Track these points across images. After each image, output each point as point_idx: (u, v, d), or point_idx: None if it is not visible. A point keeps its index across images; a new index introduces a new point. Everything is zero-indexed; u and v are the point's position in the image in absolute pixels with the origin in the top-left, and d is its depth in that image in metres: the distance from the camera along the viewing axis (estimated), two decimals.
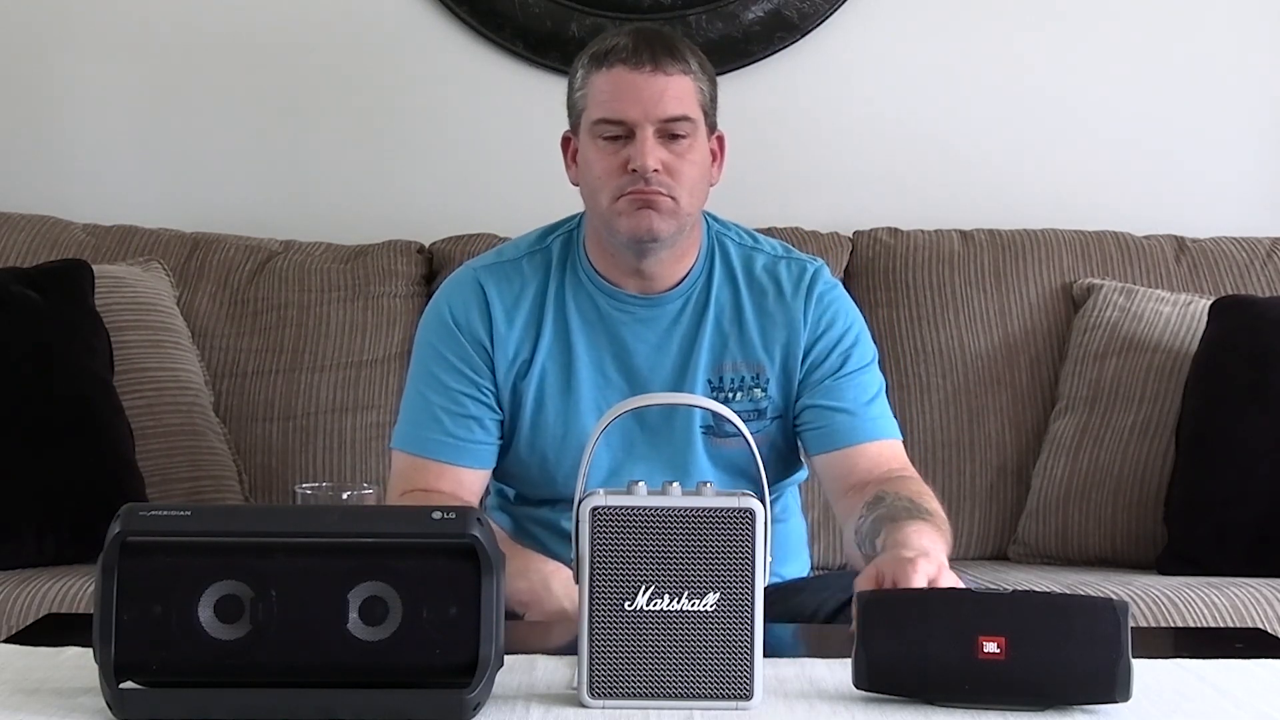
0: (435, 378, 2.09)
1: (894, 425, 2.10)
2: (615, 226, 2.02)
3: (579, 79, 2.06)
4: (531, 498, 2.16)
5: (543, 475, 2.11)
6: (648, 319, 2.10)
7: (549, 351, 2.09)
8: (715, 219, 2.17)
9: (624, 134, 2.01)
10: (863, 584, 1.67)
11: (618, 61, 2.01)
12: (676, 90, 2.02)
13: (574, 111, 2.08)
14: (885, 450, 2.06)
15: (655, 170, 1.99)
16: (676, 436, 2.08)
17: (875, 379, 2.12)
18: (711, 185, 2.10)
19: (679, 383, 2.08)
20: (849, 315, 2.14)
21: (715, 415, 2.01)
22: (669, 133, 2.01)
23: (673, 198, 2.01)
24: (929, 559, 1.67)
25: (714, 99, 2.09)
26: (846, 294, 2.17)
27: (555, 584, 1.91)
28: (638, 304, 2.10)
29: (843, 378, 2.08)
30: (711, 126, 2.09)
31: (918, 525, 1.82)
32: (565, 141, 2.12)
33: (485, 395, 2.08)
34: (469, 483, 2.08)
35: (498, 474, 2.16)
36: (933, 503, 1.93)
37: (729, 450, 2.07)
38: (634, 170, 2.00)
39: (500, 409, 2.10)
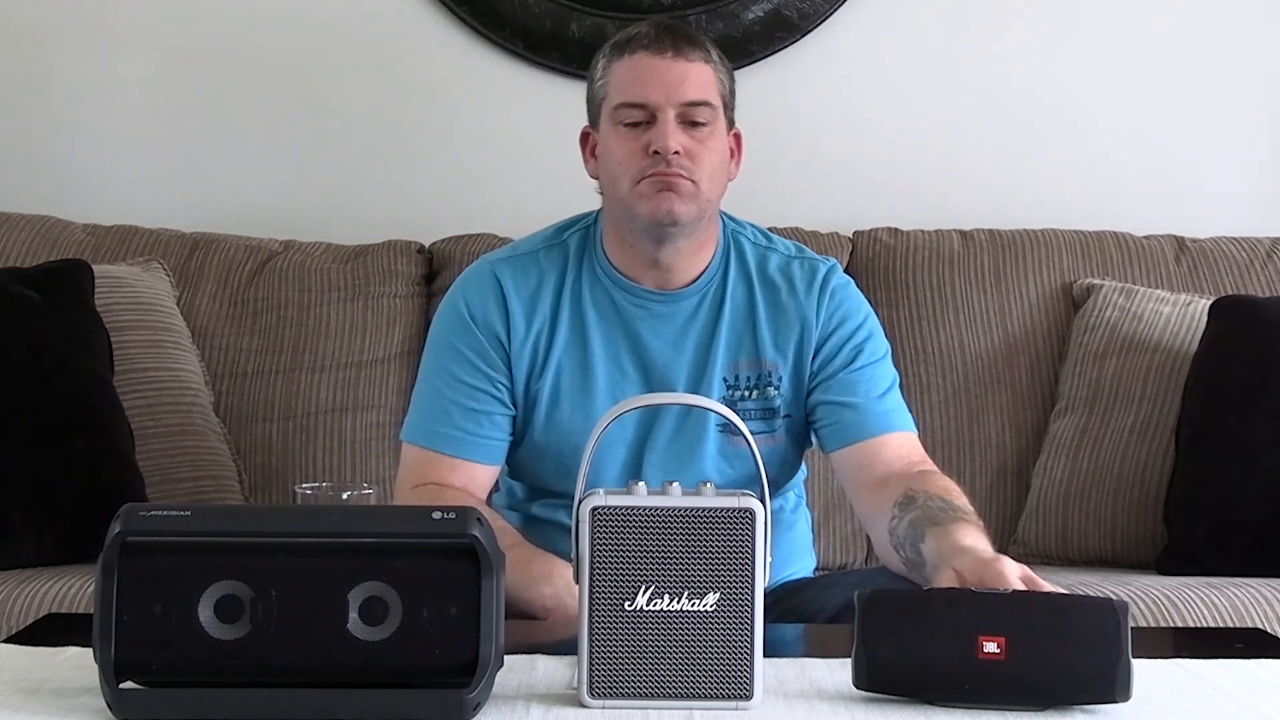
0: (449, 372, 2.08)
1: (909, 418, 2.10)
2: (635, 210, 2.02)
3: (600, 69, 2.07)
4: (545, 493, 2.15)
5: (557, 471, 2.10)
6: (664, 315, 2.10)
7: (565, 347, 2.08)
8: (731, 218, 2.17)
9: (645, 119, 2.01)
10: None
11: (639, 48, 2.02)
12: (697, 77, 2.02)
13: (594, 102, 2.09)
14: (904, 443, 2.06)
15: (676, 152, 1.99)
16: (689, 434, 2.08)
17: (888, 373, 2.12)
18: (730, 180, 2.10)
19: (696, 380, 2.08)
20: (861, 311, 2.15)
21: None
22: (689, 118, 2.01)
23: (693, 181, 2.01)
24: (1007, 560, 1.65)
25: (733, 93, 2.09)
26: (859, 292, 2.18)
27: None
28: (654, 299, 2.10)
29: (854, 372, 2.09)
30: (730, 121, 2.09)
31: (962, 528, 1.80)
32: (584, 137, 2.12)
33: (499, 390, 2.08)
34: (480, 477, 2.08)
35: (512, 470, 2.15)
36: (963, 499, 1.92)
37: (743, 448, 2.05)
38: (655, 153, 1.99)
39: (514, 405, 2.09)
